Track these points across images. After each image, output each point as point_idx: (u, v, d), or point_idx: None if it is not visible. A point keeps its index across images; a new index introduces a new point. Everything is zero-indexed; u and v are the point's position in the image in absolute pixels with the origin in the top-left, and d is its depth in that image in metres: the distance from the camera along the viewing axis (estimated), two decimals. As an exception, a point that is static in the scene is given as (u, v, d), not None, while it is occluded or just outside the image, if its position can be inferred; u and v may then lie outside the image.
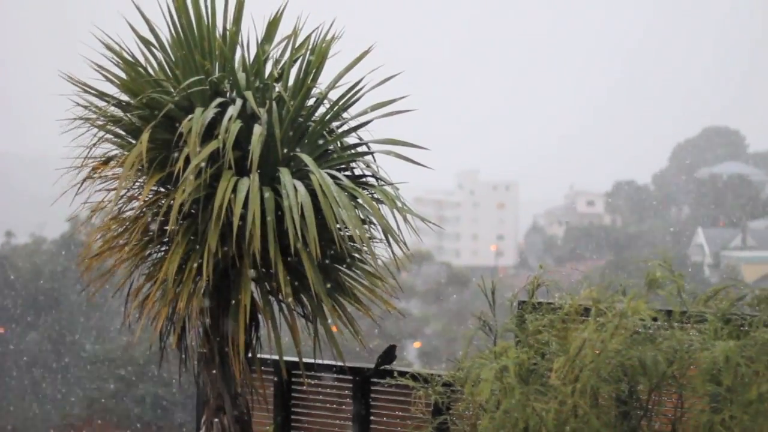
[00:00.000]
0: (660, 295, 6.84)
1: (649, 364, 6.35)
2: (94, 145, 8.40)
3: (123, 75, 8.38)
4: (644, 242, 77.48)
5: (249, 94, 8.13)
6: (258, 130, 7.89)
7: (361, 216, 8.33)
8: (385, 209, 8.36)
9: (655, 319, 6.67)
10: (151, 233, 8.31)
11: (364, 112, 8.66)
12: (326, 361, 9.10)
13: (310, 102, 8.64)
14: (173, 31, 8.39)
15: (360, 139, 8.78)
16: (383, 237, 8.37)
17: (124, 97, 8.39)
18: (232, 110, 7.96)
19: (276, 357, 8.33)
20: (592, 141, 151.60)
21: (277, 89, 8.43)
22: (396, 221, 8.32)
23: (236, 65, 8.52)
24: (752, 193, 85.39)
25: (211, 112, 7.95)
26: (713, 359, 6.09)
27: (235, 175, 7.86)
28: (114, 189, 8.34)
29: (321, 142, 8.60)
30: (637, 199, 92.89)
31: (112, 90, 8.42)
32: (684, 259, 72.16)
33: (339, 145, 8.71)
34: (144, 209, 8.29)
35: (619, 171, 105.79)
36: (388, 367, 9.12)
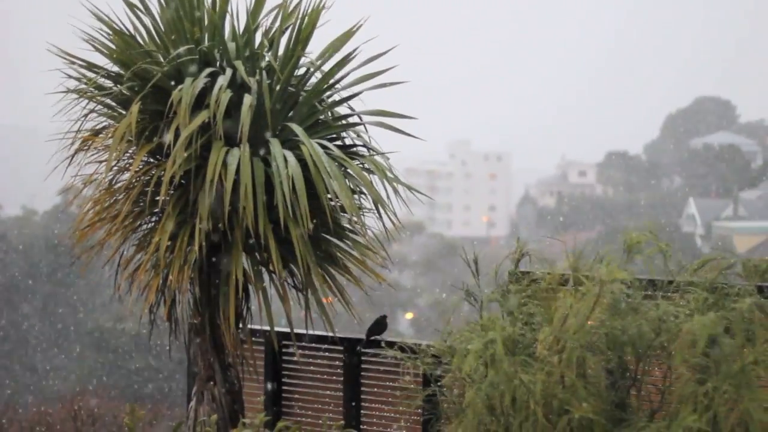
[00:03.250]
0: (646, 265, 6.85)
1: (633, 334, 6.37)
2: (85, 116, 8.39)
3: (112, 45, 8.35)
4: (636, 212, 77.54)
5: (239, 64, 8.11)
6: (248, 100, 7.86)
7: (352, 186, 8.33)
8: (376, 180, 8.36)
9: (629, 287, 6.67)
10: (142, 204, 8.31)
11: (355, 83, 8.65)
12: (317, 332, 9.11)
13: (301, 72, 8.63)
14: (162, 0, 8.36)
15: (351, 109, 8.77)
16: (374, 207, 8.37)
17: (114, 68, 8.37)
18: (222, 80, 7.94)
19: (267, 328, 8.35)
20: (584, 111, 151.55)
21: (267, 58, 8.41)
22: (386, 192, 8.32)
23: (226, 34, 8.49)
24: (744, 163, 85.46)
25: (201, 82, 7.92)
26: (692, 330, 6.11)
27: (225, 146, 7.85)
28: (105, 161, 8.33)
29: (312, 112, 8.59)
30: (629, 170, 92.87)
31: (101, 61, 8.40)
32: (676, 229, 72.25)
33: (330, 115, 8.70)
34: (135, 180, 8.28)
35: (611, 141, 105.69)
36: (378, 337, 9.14)
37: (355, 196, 8.45)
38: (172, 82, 8.07)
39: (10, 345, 43.63)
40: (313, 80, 8.67)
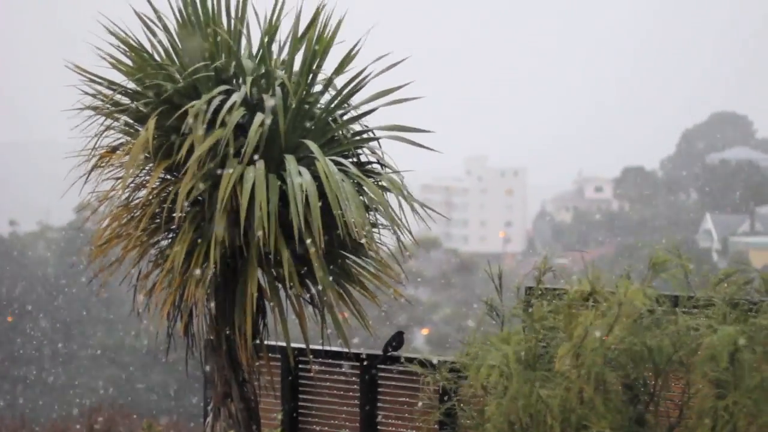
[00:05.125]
0: (668, 281, 6.82)
1: (654, 349, 6.34)
2: (101, 133, 8.40)
3: (129, 62, 8.37)
4: (652, 228, 77.37)
5: (253, 81, 8.11)
6: (258, 118, 7.87)
7: (367, 203, 8.32)
8: (392, 197, 8.34)
9: (658, 303, 6.65)
10: (158, 221, 8.31)
11: (369, 100, 8.63)
12: (334, 348, 9.10)
13: (316, 89, 8.62)
14: (179, 18, 8.38)
15: (366, 126, 8.75)
16: (389, 224, 8.35)
17: (131, 85, 8.39)
18: (236, 97, 7.94)
19: (283, 344, 8.34)
20: (600, 127, 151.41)
21: (281, 75, 8.40)
22: (402, 208, 8.31)
23: (242, 52, 8.50)
24: (760, 178, 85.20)
25: (216, 98, 7.93)
26: (713, 344, 6.08)
27: (240, 163, 7.86)
28: (121, 177, 8.33)
29: (327, 129, 8.58)
30: (646, 185, 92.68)
31: (117, 78, 8.42)
32: (692, 245, 72.04)
33: (346, 132, 8.69)
34: (151, 197, 8.29)
35: (628, 157, 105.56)
36: (395, 353, 9.12)
37: (371, 213, 8.44)
38: (189, 99, 8.08)
39: (26, 360, 43.70)
40: (328, 96, 8.66)
